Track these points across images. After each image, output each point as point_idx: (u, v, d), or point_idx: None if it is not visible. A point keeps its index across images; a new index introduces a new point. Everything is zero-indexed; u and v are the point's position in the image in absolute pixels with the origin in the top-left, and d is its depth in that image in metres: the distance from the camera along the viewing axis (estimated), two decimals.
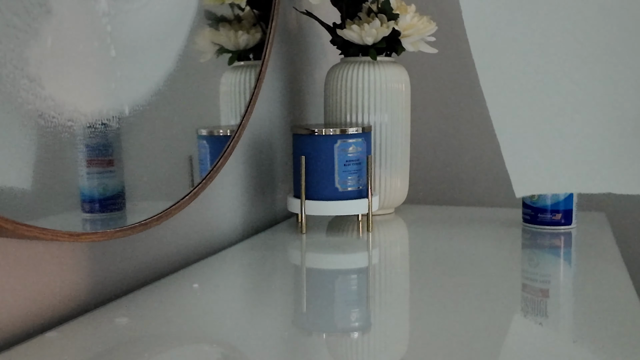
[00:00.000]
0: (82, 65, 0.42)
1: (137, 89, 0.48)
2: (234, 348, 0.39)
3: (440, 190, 1.08)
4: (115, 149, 0.46)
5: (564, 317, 0.43)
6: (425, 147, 1.08)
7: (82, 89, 0.42)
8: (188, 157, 0.56)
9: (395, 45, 0.77)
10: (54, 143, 0.40)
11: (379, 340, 0.40)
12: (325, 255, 0.61)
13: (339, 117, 0.77)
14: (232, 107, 0.63)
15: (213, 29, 0.59)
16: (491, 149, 1.04)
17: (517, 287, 0.50)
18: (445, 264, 0.57)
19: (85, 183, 0.44)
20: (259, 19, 0.67)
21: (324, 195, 0.68)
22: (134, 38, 0.47)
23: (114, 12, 0.45)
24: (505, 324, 0.42)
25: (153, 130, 0.51)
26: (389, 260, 0.60)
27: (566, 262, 0.58)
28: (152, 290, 0.50)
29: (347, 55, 0.78)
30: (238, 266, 0.58)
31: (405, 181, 0.81)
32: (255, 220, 0.75)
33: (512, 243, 0.65)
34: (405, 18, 0.75)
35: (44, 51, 0.39)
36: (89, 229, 0.44)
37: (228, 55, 0.62)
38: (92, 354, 0.38)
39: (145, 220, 0.49)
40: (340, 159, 0.68)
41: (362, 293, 0.49)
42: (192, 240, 0.62)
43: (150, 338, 0.40)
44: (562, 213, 0.70)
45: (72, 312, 0.47)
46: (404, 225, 0.76)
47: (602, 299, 0.47)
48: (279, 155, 0.81)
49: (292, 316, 0.44)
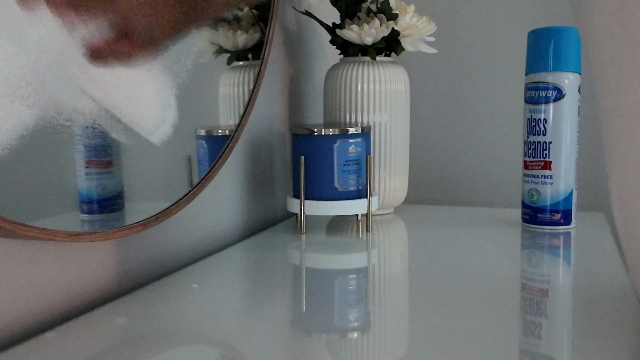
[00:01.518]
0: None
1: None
2: (233, 348, 0.38)
3: (440, 190, 1.08)
4: (114, 150, 0.46)
5: (563, 317, 0.43)
6: (424, 147, 1.08)
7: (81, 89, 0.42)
8: (187, 157, 0.56)
9: (394, 45, 0.77)
10: (53, 143, 0.40)
11: (378, 340, 0.40)
12: (325, 255, 0.61)
13: (339, 117, 0.77)
14: (230, 107, 0.63)
15: (212, 29, 0.59)
16: (491, 149, 1.04)
17: (516, 287, 0.50)
18: (444, 264, 0.57)
19: (83, 184, 0.44)
20: (258, 19, 0.67)
21: (323, 195, 0.68)
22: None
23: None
24: (505, 324, 0.42)
25: (152, 130, 0.51)
26: (389, 260, 0.60)
27: (565, 262, 0.58)
28: (151, 290, 0.50)
29: (347, 55, 0.78)
30: (237, 266, 0.58)
31: (405, 181, 0.81)
32: (255, 220, 0.75)
33: (511, 243, 0.65)
34: (404, 18, 0.75)
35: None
36: (88, 230, 0.44)
37: (227, 55, 0.62)
38: (91, 354, 0.38)
39: (144, 220, 0.49)
40: (339, 159, 0.68)
41: (362, 293, 0.49)
42: (191, 240, 0.62)
43: (149, 338, 0.40)
44: (562, 213, 0.70)
45: (71, 312, 0.47)
46: (404, 225, 0.76)
47: (601, 299, 0.47)
48: (278, 155, 0.81)
49: (291, 316, 0.44)
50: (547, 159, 0.70)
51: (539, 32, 0.69)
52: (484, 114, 1.04)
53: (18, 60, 0.36)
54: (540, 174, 0.70)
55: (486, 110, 1.04)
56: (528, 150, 0.71)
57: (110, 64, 0.42)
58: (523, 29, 0.99)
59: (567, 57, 0.68)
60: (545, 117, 0.69)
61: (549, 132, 0.69)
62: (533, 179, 0.71)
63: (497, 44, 1.02)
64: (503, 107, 1.02)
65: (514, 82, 1.01)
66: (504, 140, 1.03)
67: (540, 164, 0.70)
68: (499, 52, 1.02)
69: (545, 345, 0.38)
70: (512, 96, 1.01)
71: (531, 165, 0.71)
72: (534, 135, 0.70)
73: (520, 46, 1.00)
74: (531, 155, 0.71)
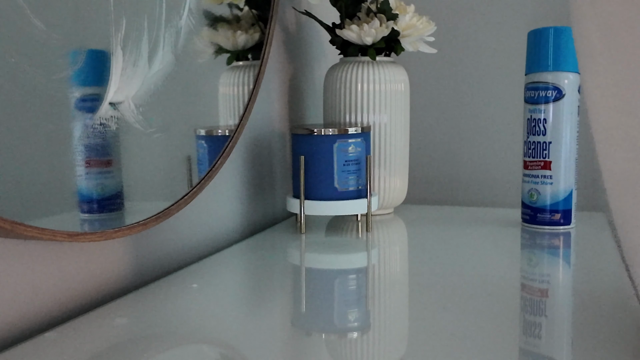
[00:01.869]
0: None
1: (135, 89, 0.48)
2: (233, 348, 0.38)
3: (440, 190, 1.08)
4: (114, 149, 0.46)
5: (563, 317, 0.43)
6: (424, 147, 1.08)
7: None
8: (187, 157, 0.56)
9: (394, 45, 0.77)
10: (52, 143, 0.40)
11: (378, 340, 0.40)
12: (325, 255, 0.61)
13: (338, 117, 0.77)
14: (230, 107, 0.63)
15: (211, 29, 0.59)
16: (490, 149, 1.04)
17: (516, 287, 0.50)
18: (444, 264, 0.57)
19: (83, 183, 0.44)
20: (257, 19, 0.67)
21: (323, 195, 0.68)
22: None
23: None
24: (505, 323, 0.42)
25: (151, 131, 0.51)
26: (388, 260, 0.60)
27: (565, 262, 0.58)
28: (151, 290, 0.50)
29: (346, 55, 0.78)
30: (237, 266, 0.58)
31: (405, 181, 0.81)
32: (255, 220, 0.75)
33: (511, 243, 0.65)
34: (404, 18, 0.75)
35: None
36: (88, 230, 0.44)
37: (226, 56, 0.62)
38: (91, 355, 0.38)
39: (144, 220, 0.49)
40: (339, 159, 0.68)
41: (362, 293, 0.49)
42: (191, 240, 0.62)
43: (149, 338, 0.40)
44: (561, 213, 0.70)
45: (71, 312, 0.47)
46: (403, 225, 0.76)
47: (601, 299, 0.47)
48: (278, 155, 0.81)
49: (291, 316, 0.44)
50: (547, 159, 0.70)
51: (539, 32, 0.69)
52: (483, 114, 1.04)
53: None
54: (540, 174, 0.70)
55: (486, 110, 1.04)
56: (528, 150, 0.71)
57: None
58: (523, 29, 0.99)
59: (567, 57, 0.68)
60: (545, 117, 0.69)
61: (548, 132, 0.69)
62: (533, 179, 0.71)
63: (496, 44, 1.02)
64: (503, 107, 1.03)
65: (514, 82, 1.01)
66: (504, 140, 1.03)
67: (540, 164, 0.70)
68: (498, 52, 1.02)
69: (545, 345, 0.38)
70: (512, 96, 1.01)
71: (531, 165, 0.71)
72: (533, 135, 0.70)
73: (520, 46, 1.00)
74: (531, 155, 0.71)
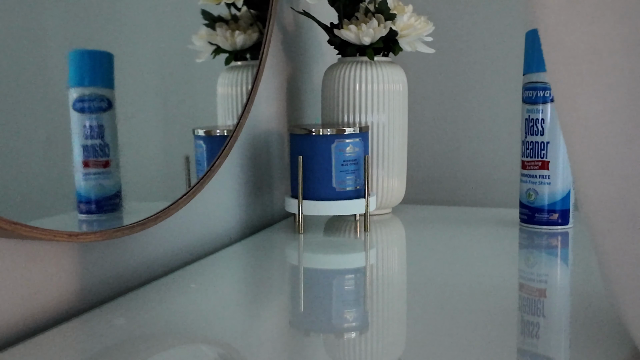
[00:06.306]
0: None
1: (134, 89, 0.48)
2: (231, 348, 0.39)
3: (438, 190, 1.08)
4: (112, 150, 0.46)
5: (561, 317, 0.43)
6: (422, 147, 1.08)
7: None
8: (185, 157, 0.56)
9: (392, 45, 0.77)
10: (51, 143, 0.40)
11: (376, 340, 0.40)
12: (323, 255, 0.61)
13: (337, 117, 0.77)
14: (229, 107, 0.63)
15: (209, 29, 0.59)
16: (489, 149, 1.04)
17: (514, 287, 0.50)
18: (442, 263, 0.57)
19: (81, 184, 0.44)
20: (256, 19, 0.67)
21: (321, 195, 0.68)
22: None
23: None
24: (503, 323, 0.42)
25: (150, 131, 0.51)
26: (387, 260, 0.60)
27: (563, 262, 0.58)
28: (149, 290, 0.50)
29: (345, 55, 0.78)
30: (235, 266, 0.58)
31: (403, 181, 0.81)
32: (253, 220, 0.75)
33: (509, 243, 0.65)
34: (402, 18, 0.75)
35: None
36: (86, 230, 0.44)
37: (225, 56, 0.62)
38: (90, 355, 0.38)
39: (143, 220, 0.49)
40: (337, 159, 0.68)
41: (360, 293, 0.49)
42: (190, 240, 0.62)
43: (148, 338, 0.40)
44: (559, 213, 0.70)
45: (69, 312, 0.47)
46: (402, 225, 0.76)
47: (599, 299, 0.47)
48: (276, 155, 0.81)
49: (289, 316, 0.44)
50: (544, 159, 0.70)
51: (537, 32, 0.69)
52: (481, 114, 1.04)
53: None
54: (538, 174, 0.70)
55: (484, 110, 1.04)
56: (526, 150, 0.71)
57: None
58: (521, 29, 0.99)
59: None
60: (542, 117, 0.69)
61: (546, 132, 0.69)
62: (531, 179, 0.71)
63: (495, 44, 1.02)
64: (501, 107, 1.03)
65: (512, 82, 1.01)
66: (502, 140, 1.03)
67: (538, 164, 0.70)
68: (496, 52, 1.02)
69: (543, 345, 0.38)
70: (510, 96, 1.02)
71: (529, 165, 0.71)
72: (531, 135, 0.70)
73: (518, 46, 1.00)
74: (529, 155, 0.71)
